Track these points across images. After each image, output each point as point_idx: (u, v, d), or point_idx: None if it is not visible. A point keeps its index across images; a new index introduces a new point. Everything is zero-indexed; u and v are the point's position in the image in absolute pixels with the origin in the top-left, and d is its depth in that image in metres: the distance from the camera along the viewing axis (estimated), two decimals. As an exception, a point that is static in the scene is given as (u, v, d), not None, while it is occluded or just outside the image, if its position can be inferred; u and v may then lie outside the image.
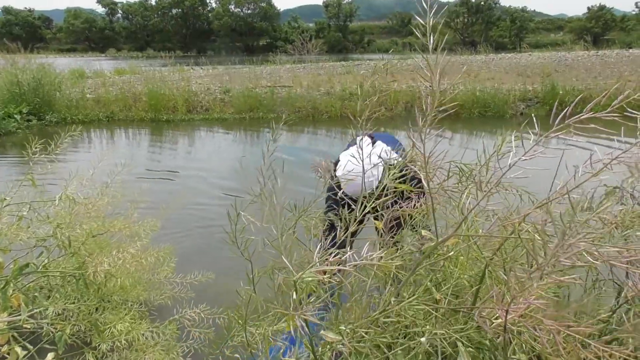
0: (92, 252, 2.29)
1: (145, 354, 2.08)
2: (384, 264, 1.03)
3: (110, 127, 11.79)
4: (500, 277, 1.09)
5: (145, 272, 2.64)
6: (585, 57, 19.02)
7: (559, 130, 0.86)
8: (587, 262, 0.82)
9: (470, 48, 26.82)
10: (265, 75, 16.46)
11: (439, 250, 1.22)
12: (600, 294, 1.66)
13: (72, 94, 12.71)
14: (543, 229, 0.88)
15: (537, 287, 0.81)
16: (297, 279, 0.98)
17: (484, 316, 0.95)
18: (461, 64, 18.13)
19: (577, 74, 14.82)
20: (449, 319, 1.25)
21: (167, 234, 4.60)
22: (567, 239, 0.80)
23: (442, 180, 1.20)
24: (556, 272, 0.84)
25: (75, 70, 17.32)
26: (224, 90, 13.80)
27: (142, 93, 12.99)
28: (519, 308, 0.83)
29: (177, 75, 15.48)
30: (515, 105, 12.38)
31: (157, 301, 2.78)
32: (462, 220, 0.98)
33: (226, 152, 9.36)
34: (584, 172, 0.97)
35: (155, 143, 10.32)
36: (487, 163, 1.13)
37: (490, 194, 0.99)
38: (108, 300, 2.34)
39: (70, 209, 2.34)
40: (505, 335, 0.90)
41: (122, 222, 2.56)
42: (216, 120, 12.38)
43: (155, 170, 7.81)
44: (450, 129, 10.70)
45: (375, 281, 1.39)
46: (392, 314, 1.14)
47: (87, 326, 2.15)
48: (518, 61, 18.99)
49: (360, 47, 78.83)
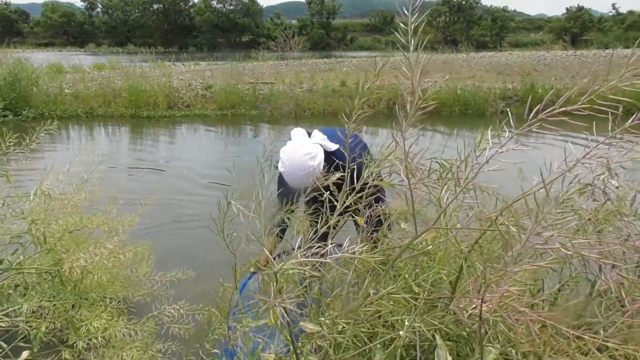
0: (69, 249, 2.26)
1: (122, 351, 2.06)
2: (365, 257, 1.03)
3: (89, 123, 11.63)
4: (477, 269, 1.10)
5: (123, 269, 2.62)
6: (563, 57, 19.29)
7: (532, 125, 0.87)
8: (560, 254, 0.83)
9: (451, 47, 27.01)
10: (248, 71, 16.39)
11: (418, 244, 1.23)
12: (576, 287, 1.68)
13: (50, 89, 12.50)
14: (518, 221, 0.89)
15: (512, 274, 0.82)
16: (277, 270, 0.99)
17: (461, 307, 0.96)
18: (443, 62, 18.26)
19: (555, 73, 15.04)
20: (428, 312, 1.26)
21: (146, 230, 4.55)
22: (538, 226, 0.81)
23: (421, 176, 1.21)
24: (530, 261, 0.85)
25: (53, 65, 17.03)
26: (205, 87, 13.70)
27: (122, 89, 12.84)
28: (494, 297, 0.83)
29: (158, 71, 15.34)
30: (495, 104, 12.52)
31: (136, 298, 2.75)
32: (440, 213, 0.99)
33: (208, 148, 9.31)
34: (559, 168, 0.98)
35: (136, 139, 10.22)
36: (466, 160, 1.14)
37: (467, 189, 1.00)
38: (85, 298, 2.31)
39: (45, 205, 2.30)
40: (481, 323, 0.90)
41: (99, 218, 2.53)
42: (198, 117, 12.30)
43: (135, 167, 7.74)
44: (432, 127, 10.77)
45: (355, 276, 1.39)
46: (371, 306, 1.15)
47: (63, 324, 2.12)
48: (498, 60, 19.18)
49: (343, 45, 78.76)
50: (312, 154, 2.49)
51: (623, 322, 0.98)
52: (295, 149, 2.51)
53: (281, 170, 2.51)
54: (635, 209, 1.77)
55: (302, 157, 2.47)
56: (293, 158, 2.49)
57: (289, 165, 2.48)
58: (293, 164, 2.47)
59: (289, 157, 2.50)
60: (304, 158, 2.47)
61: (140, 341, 2.13)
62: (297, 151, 2.49)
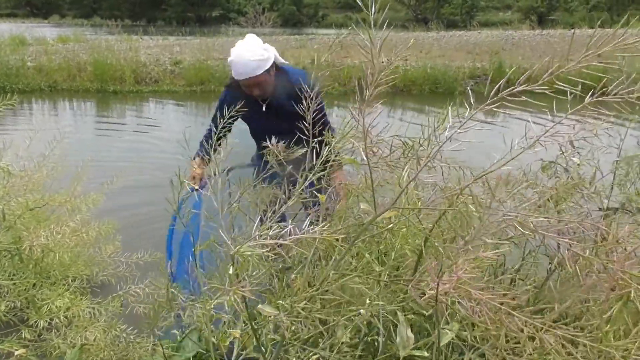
0: (29, 226, 2.20)
1: (86, 330, 2.03)
2: (325, 237, 1.02)
3: (53, 97, 11.31)
4: (438, 249, 1.11)
5: (87, 248, 2.57)
6: (531, 36, 19.52)
7: (493, 104, 0.87)
8: (519, 233, 0.84)
9: (422, 25, 27.00)
10: (218, 47, 16.07)
11: (379, 222, 1.23)
12: (536, 263, 1.73)
13: (12, 61, 12.03)
14: (477, 200, 0.90)
15: (467, 259, 0.83)
16: (234, 253, 0.97)
17: (419, 288, 0.97)
18: (413, 40, 18.25)
19: (523, 52, 15.21)
20: (390, 289, 1.27)
21: (111, 209, 4.47)
22: (497, 207, 0.82)
23: (383, 154, 1.21)
24: (488, 242, 0.87)
25: (15, 37, 16.39)
26: (174, 62, 13.41)
27: (87, 62, 12.46)
28: (450, 279, 0.84)
29: (124, 45, 14.91)
30: (464, 82, 12.63)
31: (100, 278, 2.70)
32: (401, 192, 0.99)
33: (176, 125, 9.15)
34: (520, 146, 0.99)
35: (102, 115, 9.99)
36: (428, 138, 1.14)
37: (428, 167, 1.00)
38: (46, 276, 2.26)
39: (5, 182, 2.23)
40: (437, 306, 0.91)
41: (62, 196, 2.47)
42: (166, 93, 12.06)
43: (100, 143, 7.58)
44: (401, 105, 10.82)
45: (315, 256, 1.39)
46: (331, 288, 1.15)
47: (23, 303, 2.08)
48: (468, 39, 19.28)
49: (314, 21, 77.93)
50: (264, 47, 2.58)
51: (578, 297, 1.01)
52: (248, 40, 2.60)
53: (230, 60, 2.60)
54: (594, 185, 1.81)
55: (255, 46, 2.56)
56: (245, 46, 2.57)
57: (240, 51, 2.55)
58: (245, 50, 2.54)
59: (241, 46, 2.58)
60: (257, 47, 2.56)
61: (105, 321, 2.11)
62: (250, 42, 2.58)
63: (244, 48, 2.56)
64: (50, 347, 2.05)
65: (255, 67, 2.55)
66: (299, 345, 1.25)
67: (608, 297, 0.96)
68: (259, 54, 2.54)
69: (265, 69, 2.57)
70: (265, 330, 1.27)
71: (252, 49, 2.55)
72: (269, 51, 2.60)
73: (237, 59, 2.57)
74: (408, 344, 1.08)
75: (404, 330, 1.11)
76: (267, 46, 2.62)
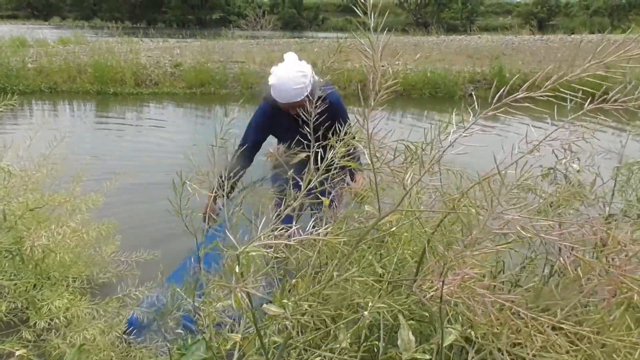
0: (30, 227, 2.21)
1: (86, 331, 2.03)
2: (329, 239, 1.03)
3: (53, 98, 11.30)
4: (439, 251, 1.12)
5: (87, 248, 2.57)
6: (531, 42, 19.55)
7: (496, 110, 0.88)
8: (519, 235, 0.84)
9: (422, 29, 27.07)
10: (218, 50, 16.09)
11: (382, 226, 1.24)
12: (535, 268, 1.73)
13: (12, 63, 12.03)
14: (478, 204, 0.90)
15: (471, 257, 0.84)
16: (240, 253, 0.98)
17: (423, 289, 0.97)
18: (414, 45, 18.30)
19: (523, 57, 15.22)
20: (391, 293, 1.28)
21: (111, 210, 4.47)
22: (497, 207, 0.82)
23: (387, 158, 1.22)
24: (488, 245, 0.87)
25: (16, 39, 16.39)
26: (174, 64, 13.41)
27: (87, 64, 12.45)
28: (455, 279, 0.85)
29: (125, 47, 14.92)
30: (464, 87, 12.64)
31: (101, 279, 2.71)
32: (404, 195, 1.00)
33: (176, 127, 9.16)
34: (520, 151, 1.00)
35: (101, 116, 9.99)
36: (431, 142, 1.14)
37: (431, 171, 1.01)
38: (47, 277, 2.27)
39: (5, 182, 2.24)
40: (441, 305, 0.92)
41: (62, 196, 2.47)
42: (166, 95, 12.06)
43: (100, 144, 7.58)
44: (402, 109, 10.83)
45: (320, 257, 1.40)
46: (335, 288, 1.16)
47: (24, 303, 2.08)
48: (468, 43, 19.32)
49: (314, 25, 77.94)
50: (304, 73, 2.66)
51: (579, 301, 1.02)
52: (289, 65, 2.67)
53: (271, 83, 2.65)
54: (595, 192, 1.82)
55: (296, 73, 2.63)
56: (286, 73, 2.64)
57: (282, 79, 2.63)
58: (286, 77, 2.62)
59: (282, 72, 2.65)
60: (297, 74, 2.63)
61: (104, 322, 2.11)
62: (291, 67, 2.65)
63: (286, 75, 2.63)
64: (50, 347, 2.05)
65: (296, 95, 2.63)
66: (303, 346, 1.25)
67: (609, 302, 0.96)
68: (300, 82, 2.61)
69: (305, 94, 2.64)
70: (269, 331, 1.28)
71: (294, 76, 2.61)
72: (307, 76, 2.66)
73: (279, 85, 2.64)
74: (410, 347, 1.08)
75: (406, 332, 1.11)
76: (305, 69, 2.68)
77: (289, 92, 2.63)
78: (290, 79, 2.61)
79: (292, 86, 2.61)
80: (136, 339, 2.22)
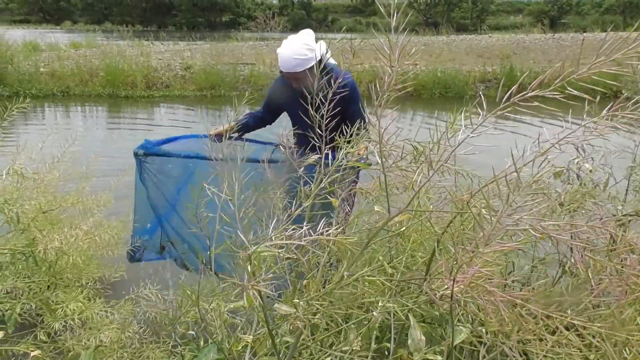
0: (43, 229, 2.23)
1: (100, 332, 2.05)
2: (339, 239, 1.03)
3: (66, 102, 11.40)
4: (450, 250, 1.11)
5: (99, 249, 2.59)
6: (542, 40, 19.41)
7: (505, 109, 0.88)
8: (530, 236, 0.84)
9: (432, 29, 26.99)
10: (228, 52, 16.15)
11: (392, 226, 1.24)
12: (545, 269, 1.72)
13: (25, 67, 12.15)
14: (489, 203, 0.90)
15: (483, 254, 0.84)
16: (252, 252, 0.99)
17: (433, 288, 0.97)
18: (423, 45, 18.23)
19: (534, 56, 15.14)
20: (401, 293, 1.28)
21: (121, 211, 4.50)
22: (509, 208, 0.82)
23: (395, 159, 1.21)
24: (501, 242, 0.87)
25: (28, 43, 16.56)
26: (185, 67, 13.48)
27: (99, 68, 12.56)
28: (465, 277, 0.85)
29: (136, 50, 15.02)
30: (474, 86, 12.58)
31: (112, 279, 2.73)
32: (414, 196, 1.00)
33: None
34: (532, 152, 0.99)
35: (113, 119, 10.06)
36: (438, 142, 1.14)
37: (440, 171, 1.01)
38: (60, 278, 2.29)
39: (18, 184, 2.26)
40: (452, 304, 0.92)
41: (74, 197, 2.50)
42: (177, 97, 12.13)
43: (111, 146, 7.62)
44: (412, 109, 10.80)
45: (329, 258, 1.40)
46: (346, 288, 1.16)
47: (38, 305, 2.10)
48: (478, 43, 19.23)
49: (324, 26, 77.96)
50: (310, 47, 2.71)
51: (590, 301, 1.01)
52: (298, 37, 2.74)
53: (278, 52, 2.74)
54: (608, 192, 1.80)
55: (301, 44, 2.69)
56: (292, 42, 2.72)
57: (286, 46, 2.71)
58: (290, 46, 2.70)
59: (289, 41, 2.74)
60: (302, 46, 2.68)
61: (117, 323, 2.12)
62: (299, 39, 2.73)
63: (291, 44, 2.70)
64: (65, 349, 2.07)
65: (295, 65, 2.69)
66: (314, 346, 1.25)
67: (621, 301, 0.96)
68: (302, 53, 2.66)
69: (305, 67, 2.70)
70: (280, 331, 1.28)
71: (297, 47, 2.68)
72: (312, 51, 2.70)
73: (281, 53, 2.72)
74: (420, 347, 1.08)
75: (416, 332, 1.11)
76: (315, 46, 2.73)
77: (289, 61, 2.69)
78: (293, 49, 2.67)
79: (292, 56, 2.67)
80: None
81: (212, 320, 1.58)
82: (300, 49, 2.66)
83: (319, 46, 2.78)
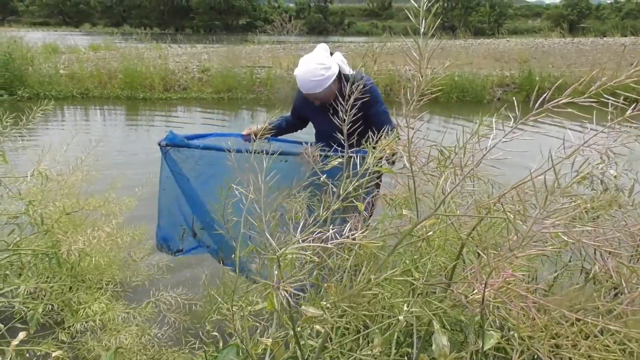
0: (66, 230, 2.25)
1: (120, 333, 2.06)
2: (365, 242, 1.03)
3: (85, 103, 11.54)
4: (476, 255, 1.10)
5: (121, 252, 2.61)
6: (561, 45, 19.23)
7: (539, 114, 0.87)
8: (560, 241, 0.83)
9: (449, 32, 26.88)
10: (245, 55, 16.23)
11: (418, 231, 1.23)
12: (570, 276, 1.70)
13: (45, 69, 12.33)
14: (522, 205, 0.89)
15: (514, 259, 0.83)
16: (279, 255, 0.99)
17: (461, 292, 0.96)
18: (440, 48, 18.15)
19: (553, 60, 14.98)
20: (425, 299, 1.27)
21: (143, 214, 4.54)
22: (543, 212, 0.81)
23: (422, 164, 1.21)
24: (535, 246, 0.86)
25: (48, 45, 16.82)
26: (202, 69, 13.58)
27: (117, 70, 12.71)
28: (497, 281, 0.84)
29: (154, 53, 15.17)
30: (492, 91, 12.49)
31: (134, 282, 2.75)
32: (442, 201, 0.99)
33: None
34: (557, 157, 0.98)
35: (132, 121, 10.15)
36: (464, 146, 1.13)
37: (469, 176, 1.00)
38: (82, 280, 2.31)
39: (42, 186, 2.29)
40: (483, 308, 0.91)
41: (97, 200, 2.52)
42: (194, 100, 12.22)
43: (131, 148, 7.70)
44: (429, 113, 10.74)
45: (354, 262, 1.40)
46: (371, 290, 1.15)
47: (59, 305, 2.12)
48: (496, 47, 19.09)
49: (340, 29, 78.07)
50: (326, 66, 2.68)
51: (621, 309, 0.99)
52: (313, 57, 2.71)
53: (295, 74, 2.73)
54: (633, 198, 1.77)
55: (316, 65, 2.66)
56: (307, 65, 2.69)
57: (302, 70, 2.69)
58: (306, 69, 2.67)
59: (304, 63, 2.70)
60: (317, 67, 2.66)
61: (137, 325, 2.14)
62: (313, 59, 2.69)
63: (307, 66, 2.67)
64: (85, 350, 2.09)
65: (313, 87, 2.67)
66: (338, 349, 1.25)
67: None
68: (318, 74, 2.63)
69: (323, 87, 2.68)
70: (305, 334, 1.28)
71: (312, 68, 2.65)
72: (330, 69, 2.67)
73: (299, 76, 2.69)
74: (445, 352, 1.07)
75: (440, 338, 1.10)
76: (330, 62, 2.70)
77: (307, 83, 2.68)
78: (310, 71, 2.65)
79: (310, 78, 2.65)
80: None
81: (234, 322, 1.58)
82: (315, 69, 2.64)
83: (335, 58, 2.78)
